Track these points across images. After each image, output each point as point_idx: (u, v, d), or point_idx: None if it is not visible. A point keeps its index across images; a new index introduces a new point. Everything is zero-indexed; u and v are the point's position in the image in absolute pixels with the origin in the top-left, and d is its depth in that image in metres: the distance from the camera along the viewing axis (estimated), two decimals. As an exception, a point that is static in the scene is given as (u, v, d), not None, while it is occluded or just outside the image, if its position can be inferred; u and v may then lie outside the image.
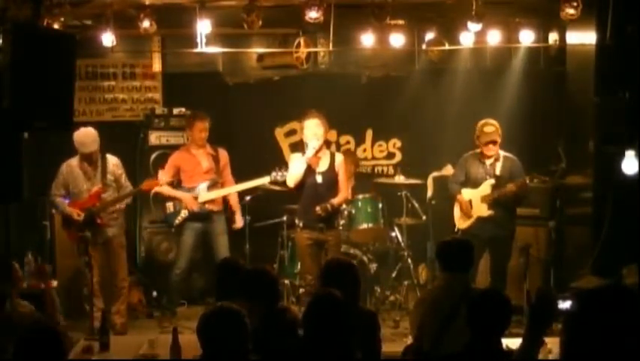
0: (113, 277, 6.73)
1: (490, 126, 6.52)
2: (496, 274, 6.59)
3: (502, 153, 6.60)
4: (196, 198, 6.88)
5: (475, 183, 6.62)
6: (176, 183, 7.01)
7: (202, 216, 6.95)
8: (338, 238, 6.46)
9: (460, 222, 6.71)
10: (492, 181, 6.53)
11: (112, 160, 6.73)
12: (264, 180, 6.77)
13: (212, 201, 6.96)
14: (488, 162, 6.58)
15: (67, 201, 6.65)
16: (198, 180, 6.97)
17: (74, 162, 6.64)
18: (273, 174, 6.62)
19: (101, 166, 6.63)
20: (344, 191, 6.46)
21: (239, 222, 7.11)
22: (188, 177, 7.00)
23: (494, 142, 6.49)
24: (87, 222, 6.54)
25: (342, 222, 6.76)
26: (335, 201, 6.26)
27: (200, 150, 7.03)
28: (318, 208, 6.16)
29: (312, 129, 6.20)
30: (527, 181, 6.40)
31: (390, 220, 7.38)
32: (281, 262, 7.24)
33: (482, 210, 6.54)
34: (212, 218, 6.98)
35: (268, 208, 7.32)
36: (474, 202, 6.60)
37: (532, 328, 3.40)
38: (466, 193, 6.66)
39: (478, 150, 6.62)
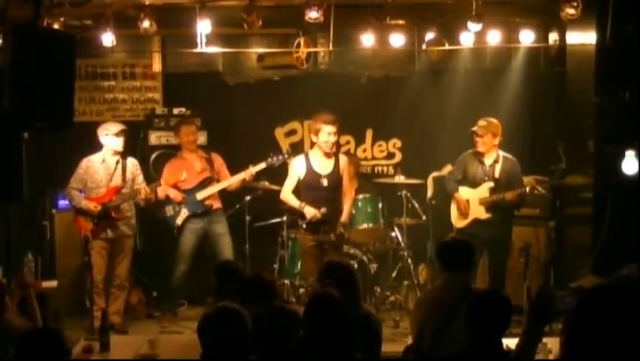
0: (115, 276, 6.74)
1: (483, 121, 6.57)
2: (493, 275, 6.59)
3: (501, 153, 6.60)
4: (184, 197, 6.91)
5: (473, 183, 6.63)
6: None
7: (202, 213, 6.97)
8: (340, 240, 6.45)
9: (457, 221, 6.71)
10: (491, 184, 6.53)
11: (132, 161, 6.85)
12: (259, 167, 6.82)
13: (209, 198, 6.98)
14: (487, 162, 6.58)
15: (82, 195, 6.70)
16: (193, 181, 7.00)
17: (96, 157, 6.72)
18: (269, 159, 6.69)
19: (122, 164, 6.72)
20: (349, 194, 6.47)
21: (246, 173, 6.92)
22: (183, 181, 7.01)
23: (476, 134, 6.52)
24: (102, 215, 6.57)
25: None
26: (344, 218, 6.30)
27: (192, 154, 7.09)
28: (332, 236, 6.19)
29: (325, 137, 6.18)
30: (527, 190, 6.41)
31: (390, 220, 7.38)
32: (281, 262, 7.24)
33: (480, 213, 6.56)
34: (213, 217, 7.00)
35: (268, 208, 7.32)
36: (472, 203, 6.60)
37: (531, 324, 3.40)
38: (464, 192, 6.66)
39: (477, 150, 6.63)
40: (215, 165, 7.13)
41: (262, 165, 6.81)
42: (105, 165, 6.71)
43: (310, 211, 6.19)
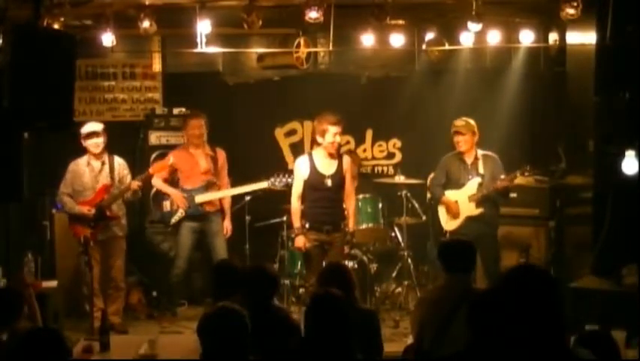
0: (111, 278, 6.72)
1: (461, 121, 6.62)
2: (490, 274, 6.58)
3: (480, 151, 6.67)
4: (186, 198, 6.90)
5: (457, 184, 6.68)
6: (173, 181, 7.04)
7: (198, 217, 6.96)
8: (343, 240, 6.46)
9: (449, 224, 6.73)
10: (478, 179, 6.58)
11: (118, 160, 6.79)
12: (261, 185, 6.83)
13: (208, 203, 6.97)
14: (469, 161, 6.64)
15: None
16: (196, 181, 6.98)
17: (81, 160, 6.69)
18: (272, 179, 6.68)
19: (109, 163, 6.68)
20: (352, 196, 6.47)
21: (227, 229, 7.06)
22: (185, 177, 7.01)
23: (458, 133, 6.57)
24: (97, 216, 6.56)
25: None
26: (351, 226, 6.32)
27: (198, 150, 7.03)
28: (346, 248, 6.26)
29: (331, 138, 6.17)
30: (518, 174, 6.44)
31: (390, 220, 7.38)
32: (281, 262, 7.24)
33: (471, 210, 6.59)
34: (209, 218, 7.00)
35: (268, 208, 7.32)
36: (461, 203, 6.65)
37: None
38: (451, 194, 6.70)
39: (457, 151, 6.69)
40: (219, 163, 7.10)
41: (263, 185, 6.80)
42: (90, 167, 6.66)
43: (299, 241, 6.25)
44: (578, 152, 7.22)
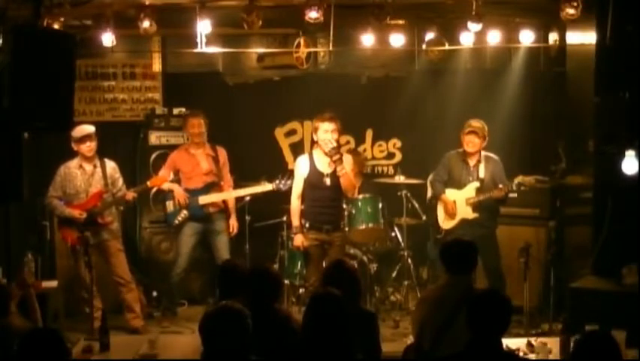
0: (117, 278, 6.68)
1: (478, 122, 6.61)
2: (491, 274, 6.58)
3: (483, 153, 6.65)
4: (189, 197, 6.89)
5: (458, 184, 6.68)
6: (176, 180, 7.03)
7: (201, 218, 6.96)
8: (343, 239, 6.46)
9: (445, 223, 6.74)
10: (477, 184, 6.58)
11: (110, 164, 6.74)
12: (265, 188, 6.83)
13: (211, 203, 6.97)
14: (471, 162, 6.64)
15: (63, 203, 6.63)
16: (198, 182, 6.97)
17: (72, 163, 6.65)
18: (276, 182, 6.69)
19: (101, 167, 6.64)
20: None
21: (233, 227, 7.06)
22: (187, 178, 7.00)
23: (474, 133, 6.51)
24: (88, 222, 6.53)
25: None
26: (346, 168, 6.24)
27: (199, 150, 7.03)
28: (332, 149, 6.09)
29: (323, 135, 6.15)
30: (514, 186, 6.45)
31: (390, 220, 7.38)
32: (281, 262, 7.23)
33: (467, 213, 6.60)
34: (212, 219, 7.00)
35: (268, 208, 7.31)
36: (458, 204, 6.65)
37: None
38: (450, 194, 6.70)
39: (461, 149, 6.68)
40: (221, 161, 7.09)
41: (268, 187, 6.81)
42: (82, 170, 6.62)
43: (297, 240, 6.27)
44: (578, 152, 7.22)
